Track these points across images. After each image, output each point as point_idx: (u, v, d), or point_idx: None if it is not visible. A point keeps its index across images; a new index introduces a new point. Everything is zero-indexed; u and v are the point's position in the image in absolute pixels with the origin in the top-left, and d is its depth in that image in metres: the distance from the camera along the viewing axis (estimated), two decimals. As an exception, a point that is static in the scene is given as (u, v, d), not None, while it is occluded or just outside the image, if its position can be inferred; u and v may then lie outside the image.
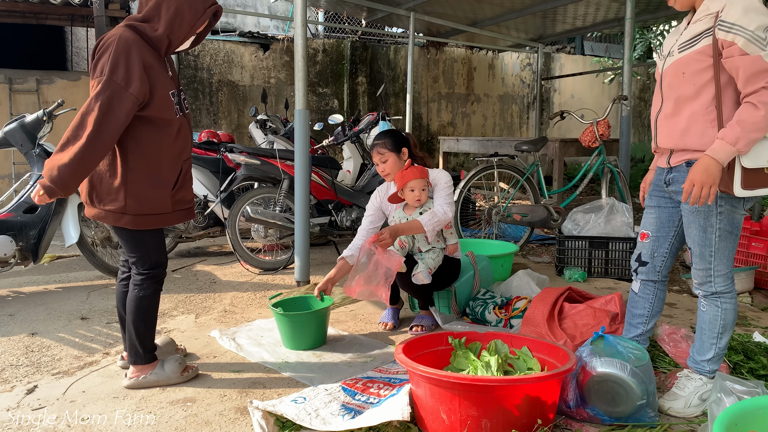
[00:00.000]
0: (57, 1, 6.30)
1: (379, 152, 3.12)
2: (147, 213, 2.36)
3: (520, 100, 10.29)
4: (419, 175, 3.01)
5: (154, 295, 2.47)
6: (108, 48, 2.21)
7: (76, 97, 6.78)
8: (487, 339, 2.30)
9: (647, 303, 2.39)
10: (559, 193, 5.58)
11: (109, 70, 2.18)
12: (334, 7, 7.61)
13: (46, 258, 4.73)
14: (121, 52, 2.20)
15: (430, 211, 2.99)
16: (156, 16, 2.29)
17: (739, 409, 1.64)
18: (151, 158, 2.33)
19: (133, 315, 2.43)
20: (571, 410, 2.13)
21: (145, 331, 2.46)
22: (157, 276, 2.46)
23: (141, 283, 2.43)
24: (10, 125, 3.82)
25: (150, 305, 2.46)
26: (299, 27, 3.73)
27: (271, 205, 4.54)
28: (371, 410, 2.08)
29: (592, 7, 6.56)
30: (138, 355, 2.45)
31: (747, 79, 1.93)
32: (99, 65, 2.22)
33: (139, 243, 2.40)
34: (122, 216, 2.32)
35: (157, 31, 2.29)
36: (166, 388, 2.44)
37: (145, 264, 2.43)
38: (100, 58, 2.23)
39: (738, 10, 1.94)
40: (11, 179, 6.70)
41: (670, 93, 2.17)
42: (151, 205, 2.36)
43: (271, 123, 5.40)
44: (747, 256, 3.99)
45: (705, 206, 2.10)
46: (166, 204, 2.40)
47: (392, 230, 2.90)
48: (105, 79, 2.17)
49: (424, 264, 3.03)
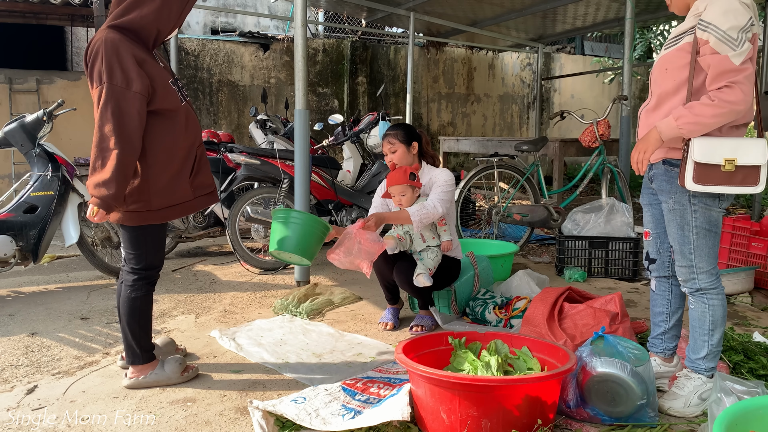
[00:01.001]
0: (57, 1, 6.30)
1: (390, 142, 3.16)
2: (171, 205, 2.38)
3: (520, 100, 10.29)
4: (401, 180, 3.02)
5: (147, 296, 2.46)
6: (97, 54, 2.20)
7: (76, 97, 6.77)
8: (487, 339, 2.30)
9: (664, 300, 2.41)
10: (559, 193, 5.58)
11: (106, 75, 2.17)
12: (334, 7, 7.61)
13: (46, 258, 4.73)
14: (112, 54, 2.19)
15: (420, 203, 3.02)
16: (136, 8, 2.25)
17: (739, 409, 1.64)
18: (167, 151, 2.34)
19: (127, 316, 2.43)
20: (571, 410, 2.13)
21: (140, 331, 2.46)
22: (149, 277, 2.46)
23: (133, 284, 2.43)
24: (10, 125, 3.82)
25: (143, 306, 2.45)
26: (299, 27, 3.73)
27: (271, 205, 4.54)
28: (371, 410, 2.08)
29: (592, 7, 6.56)
30: (135, 355, 2.45)
31: (713, 77, 2.00)
32: (95, 73, 2.22)
33: (140, 240, 2.40)
34: (149, 214, 2.34)
35: (141, 24, 2.26)
36: (166, 388, 2.44)
37: (140, 262, 2.42)
38: (93, 65, 2.22)
39: (716, 10, 1.99)
40: (11, 179, 6.70)
41: (655, 88, 2.24)
42: (174, 197, 2.38)
43: (271, 123, 5.40)
44: (747, 256, 3.99)
45: (680, 204, 2.16)
46: (187, 192, 2.42)
47: (378, 217, 2.91)
48: (106, 86, 2.17)
49: (423, 266, 3.03)
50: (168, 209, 2.38)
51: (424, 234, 3.09)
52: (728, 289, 3.70)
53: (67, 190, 3.87)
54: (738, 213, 6.19)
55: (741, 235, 4.03)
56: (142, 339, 2.46)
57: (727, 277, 3.71)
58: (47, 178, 3.79)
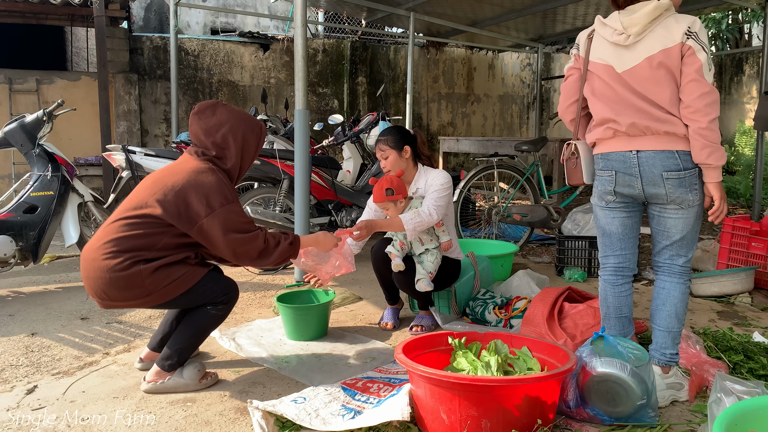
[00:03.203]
0: (57, 1, 6.30)
1: (381, 148, 3.14)
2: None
3: (520, 100, 10.29)
4: (378, 198, 3.01)
5: (223, 317, 2.49)
6: (199, 187, 2.31)
7: (76, 97, 6.78)
8: (487, 339, 2.30)
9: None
10: (559, 193, 5.58)
11: (217, 202, 2.30)
12: (334, 7, 7.61)
13: (46, 258, 4.73)
14: (214, 185, 2.33)
15: (414, 209, 2.99)
16: (226, 150, 2.45)
17: (739, 409, 1.64)
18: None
19: (194, 329, 2.44)
20: (571, 410, 2.13)
21: (194, 345, 2.50)
22: (232, 300, 2.50)
23: (218, 305, 2.45)
24: (10, 125, 3.82)
25: (214, 324, 2.49)
26: (299, 27, 3.73)
27: (271, 205, 4.54)
28: (371, 410, 2.08)
29: (592, 7, 6.56)
30: (171, 362, 2.41)
31: None
32: (193, 208, 2.29)
33: (204, 287, 2.43)
34: (195, 270, 2.42)
35: (228, 165, 2.46)
36: (166, 388, 2.44)
37: (220, 296, 2.45)
38: (187, 199, 2.29)
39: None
40: (11, 179, 6.70)
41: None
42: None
43: (271, 123, 5.41)
44: (747, 256, 3.99)
45: None
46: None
47: (370, 225, 2.90)
48: (218, 210, 2.29)
49: (424, 269, 3.02)
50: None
51: (422, 237, 3.07)
52: (728, 289, 3.71)
53: (67, 190, 3.87)
54: (738, 213, 6.19)
55: (741, 235, 4.03)
56: (189, 352, 2.48)
57: (727, 277, 3.71)
58: (47, 178, 3.79)
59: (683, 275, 2.34)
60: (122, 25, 7.42)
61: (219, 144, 2.44)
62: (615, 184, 2.34)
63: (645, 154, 2.24)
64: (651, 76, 2.20)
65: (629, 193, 2.33)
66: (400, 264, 2.98)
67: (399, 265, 2.98)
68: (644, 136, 2.25)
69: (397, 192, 3.02)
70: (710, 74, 2.13)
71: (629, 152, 2.28)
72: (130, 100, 7.24)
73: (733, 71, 11.44)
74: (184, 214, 2.28)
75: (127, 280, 2.24)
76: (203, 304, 2.41)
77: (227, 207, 2.31)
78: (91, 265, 2.28)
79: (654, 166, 2.23)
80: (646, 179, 2.25)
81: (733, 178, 8.66)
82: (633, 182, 2.29)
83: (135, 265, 2.25)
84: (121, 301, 2.31)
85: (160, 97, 7.60)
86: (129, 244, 2.27)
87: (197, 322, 2.43)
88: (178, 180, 2.32)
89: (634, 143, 2.26)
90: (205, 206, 2.28)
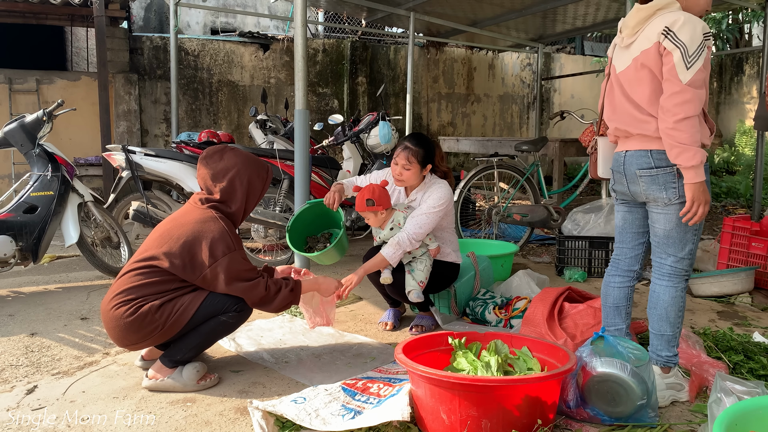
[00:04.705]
0: (57, 1, 6.30)
1: (408, 158, 3.00)
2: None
3: (520, 100, 10.29)
4: (359, 208, 3.00)
5: (236, 324, 2.53)
6: (203, 238, 2.40)
7: (76, 97, 6.77)
8: (487, 339, 2.30)
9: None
10: (559, 193, 5.58)
11: (220, 251, 2.39)
12: (334, 7, 7.61)
13: (46, 258, 4.73)
14: (217, 234, 2.42)
15: (394, 240, 2.93)
16: (232, 194, 2.55)
17: (739, 409, 1.64)
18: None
19: (209, 333, 2.47)
20: (571, 410, 2.13)
21: (200, 347, 2.53)
22: (246, 310, 2.54)
23: (233, 313, 2.49)
24: (10, 125, 3.82)
25: (224, 331, 2.53)
26: (299, 27, 3.72)
27: (271, 205, 4.53)
28: (371, 410, 2.08)
29: (592, 7, 6.55)
30: (173, 359, 2.44)
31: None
32: (197, 259, 2.39)
33: (221, 299, 2.49)
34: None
35: (233, 208, 2.56)
36: (166, 388, 2.44)
37: (231, 307, 2.49)
38: (192, 250, 2.39)
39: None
40: (11, 179, 6.69)
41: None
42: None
43: (271, 123, 5.40)
44: (747, 256, 3.99)
45: None
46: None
47: (359, 275, 2.90)
48: (221, 260, 2.38)
49: (414, 280, 3.00)
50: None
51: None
52: (728, 289, 3.71)
53: (67, 190, 3.87)
54: (738, 213, 6.19)
55: (741, 235, 4.03)
56: (195, 352, 2.51)
57: (727, 277, 3.72)
58: (47, 178, 3.79)
59: (673, 277, 2.30)
60: (122, 25, 7.41)
61: (225, 188, 2.54)
62: (614, 182, 2.47)
63: (629, 153, 2.35)
64: (635, 78, 2.26)
65: (622, 191, 2.43)
66: (389, 277, 2.99)
67: (387, 279, 2.99)
68: (630, 138, 2.34)
69: (377, 203, 2.96)
70: (688, 73, 2.06)
71: (621, 152, 2.40)
72: (130, 100, 7.24)
73: (733, 71, 11.44)
74: (189, 265, 2.39)
75: (138, 322, 2.35)
76: (217, 314, 2.47)
77: (230, 255, 2.41)
78: (106, 317, 2.42)
79: (631, 164, 2.32)
80: (628, 177, 2.36)
81: (733, 178, 8.66)
82: (622, 180, 2.40)
83: (141, 308, 2.35)
84: (142, 341, 2.42)
85: (160, 97, 7.60)
86: (137, 292, 2.38)
87: (208, 327, 2.46)
88: (183, 232, 2.43)
89: (625, 144, 2.38)
90: (209, 256, 2.39)
